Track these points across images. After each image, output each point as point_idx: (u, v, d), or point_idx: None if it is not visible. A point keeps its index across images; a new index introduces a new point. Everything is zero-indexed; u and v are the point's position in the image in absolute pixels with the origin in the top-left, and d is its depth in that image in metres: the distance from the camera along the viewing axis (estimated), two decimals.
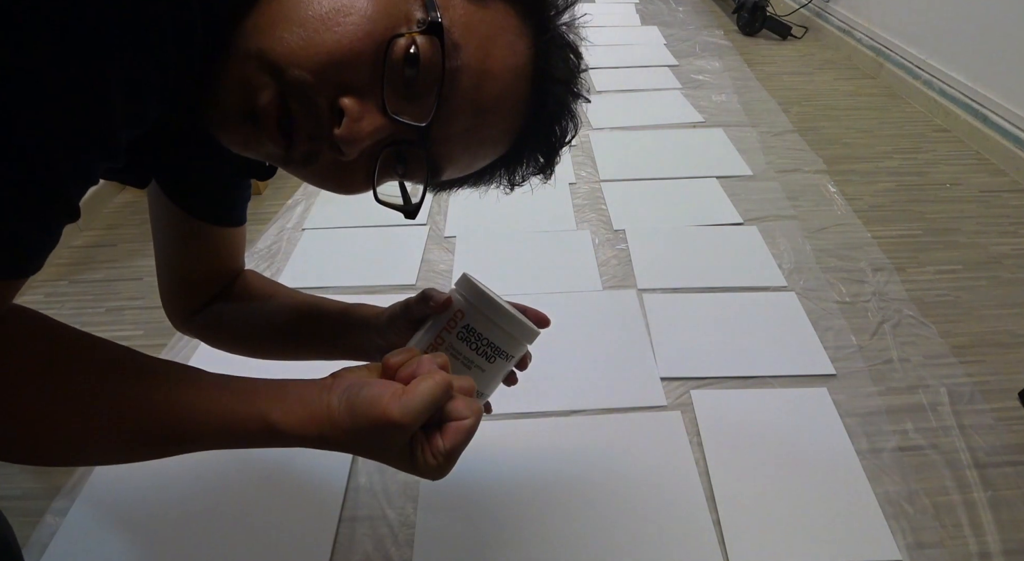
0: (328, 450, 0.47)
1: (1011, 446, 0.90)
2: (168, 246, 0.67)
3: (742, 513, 0.81)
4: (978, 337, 1.09)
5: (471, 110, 0.44)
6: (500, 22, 0.44)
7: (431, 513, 0.82)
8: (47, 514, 0.83)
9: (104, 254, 1.36)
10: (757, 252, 1.29)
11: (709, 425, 0.92)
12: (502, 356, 0.58)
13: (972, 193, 1.52)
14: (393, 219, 1.47)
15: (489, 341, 0.57)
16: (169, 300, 0.70)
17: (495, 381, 0.60)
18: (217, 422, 0.45)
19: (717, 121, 1.85)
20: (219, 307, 0.70)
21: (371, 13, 0.39)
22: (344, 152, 0.41)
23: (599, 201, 1.48)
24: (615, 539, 0.78)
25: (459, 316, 0.57)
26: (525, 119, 0.49)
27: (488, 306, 0.57)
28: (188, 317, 0.70)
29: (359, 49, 0.39)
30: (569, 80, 0.49)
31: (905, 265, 1.27)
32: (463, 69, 0.42)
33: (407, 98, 0.42)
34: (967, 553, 0.77)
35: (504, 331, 0.58)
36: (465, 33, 0.42)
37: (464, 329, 0.57)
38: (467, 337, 0.57)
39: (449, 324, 0.57)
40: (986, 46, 1.75)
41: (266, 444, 0.47)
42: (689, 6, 2.96)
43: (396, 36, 0.40)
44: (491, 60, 0.43)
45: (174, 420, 0.43)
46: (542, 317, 0.64)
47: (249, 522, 0.81)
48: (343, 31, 0.39)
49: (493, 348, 0.58)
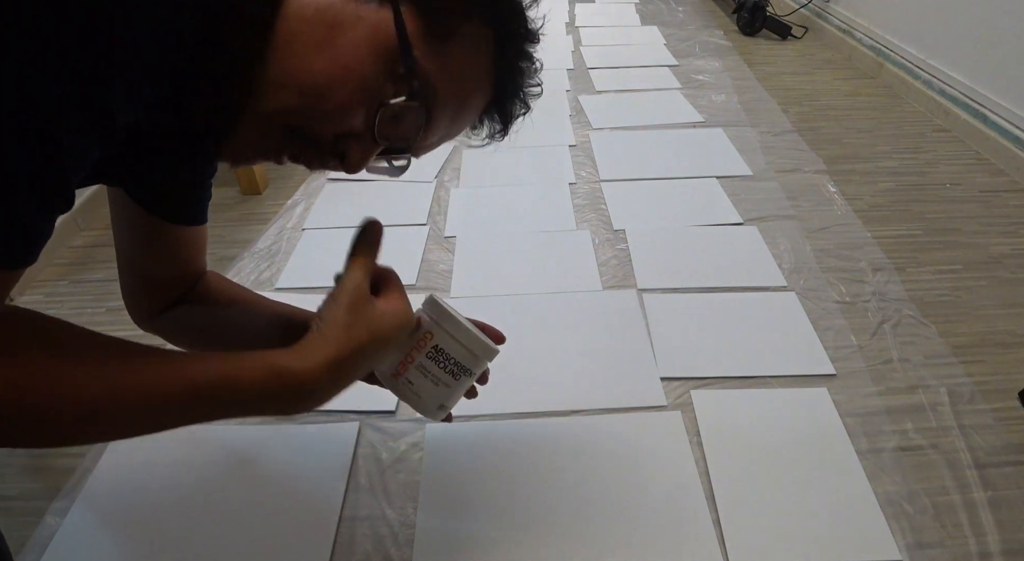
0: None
1: (1011, 446, 0.90)
2: (128, 244, 0.68)
3: (742, 513, 0.81)
4: (978, 337, 1.09)
5: (448, 123, 0.53)
6: (468, 51, 0.50)
7: (431, 513, 0.82)
8: (47, 514, 0.83)
9: (104, 254, 1.36)
10: (757, 252, 1.29)
11: (709, 425, 0.92)
12: (466, 373, 0.64)
13: (972, 193, 1.52)
14: (393, 219, 1.48)
15: (456, 361, 0.62)
16: (130, 297, 0.72)
17: (458, 395, 0.65)
18: (221, 376, 0.45)
19: (717, 121, 1.85)
20: (185, 309, 0.71)
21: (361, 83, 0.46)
22: (348, 173, 0.51)
23: (599, 201, 1.48)
24: (615, 539, 0.78)
25: (428, 337, 0.62)
26: (489, 104, 0.56)
27: (456, 328, 0.62)
28: (150, 316, 0.71)
29: (355, 113, 0.48)
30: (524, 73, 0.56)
31: (905, 265, 1.27)
32: (440, 105, 0.50)
33: (394, 124, 0.50)
34: (967, 553, 0.77)
35: (469, 351, 0.63)
36: (439, 77, 0.48)
37: (433, 349, 0.62)
38: (435, 357, 0.62)
39: (419, 344, 0.62)
40: (986, 46, 1.75)
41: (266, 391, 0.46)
42: (689, 6, 2.96)
43: (383, 105, 0.47)
44: (464, 89, 0.51)
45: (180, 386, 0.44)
46: (498, 334, 0.70)
47: (249, 522, 0.81)
48: (340, 100, 0.46)
49: (459, 367, 0.63)
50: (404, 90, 0.47)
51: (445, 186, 1.55)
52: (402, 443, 0.91)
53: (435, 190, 1.53)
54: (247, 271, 1.28)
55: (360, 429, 0.93)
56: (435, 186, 1.54)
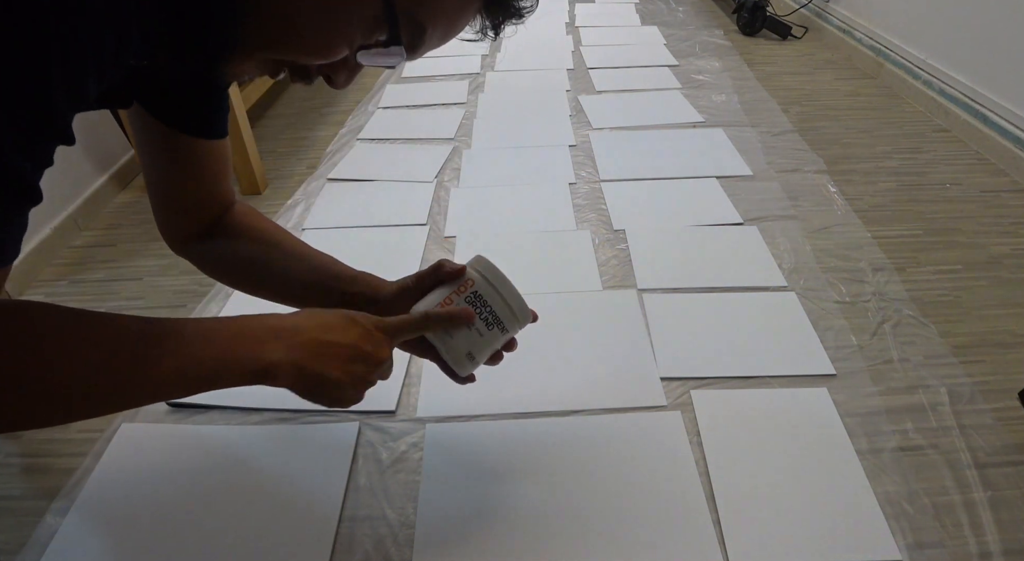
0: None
1: (1011, 446, 0.90)
2: (153, 164, 0.69)
3: (742, 513, 0.81)
4: (978, 337, 1.09)
5: (437, 42, 0.52)
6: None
7: (431, 513, 0.82)
8: (47, 514, 0.83)
9: (104, 254, 1.36)
10: (757, 252, 1.29)
11: (709, 425, 0.92)
12: (499, 327, 0.66)
13: (972, 193, 1.52)
14: (393, 219, 1.48)
15: (492, 310, 0.65)
16: (163, 222, 0.73)
17: (487, 349, 0.67)
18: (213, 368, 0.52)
19: (717, 121, 1.85)
20: (220, 244, 0.73)
21: (340, 25, 0.47)
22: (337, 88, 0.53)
23: (599, 201, 1.48)
24: (615, 539, 0.78)
25: (469, 284, 0.65)
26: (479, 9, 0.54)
27: (497, 279, 0.65)
28: (182, 240, 0.73)
29: (338, 51, 0.48)
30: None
31: (905, 265, 1.27)
32: (426, 39, 0.50)
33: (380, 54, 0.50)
34: (967, 553, 0.77)
35: (507, 304, 0.65)
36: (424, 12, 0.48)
37: (472, 295, 0.65)
38: (473, 302, 0.64)
39: (459, 289, 0.65)
40: (986, 46, 1.75)
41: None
42: (689, 6, 2.96)
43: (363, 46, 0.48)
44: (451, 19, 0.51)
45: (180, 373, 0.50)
46: (533, 312, 0.71)
47: (249, 522, 0.81)
48: (321, 42, 0.47)
49: (494, 317, 0.65)
50: (384, 30, 0.47)
51: (445, 186, 1.55)
52: (402, 443, 0.91)
53: (435, 190, 1.53)
54: None
55: (360, 429, 0.93)
56: (435, 186, 1.54)
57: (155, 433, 0.93)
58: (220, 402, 0.97)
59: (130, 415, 0.97)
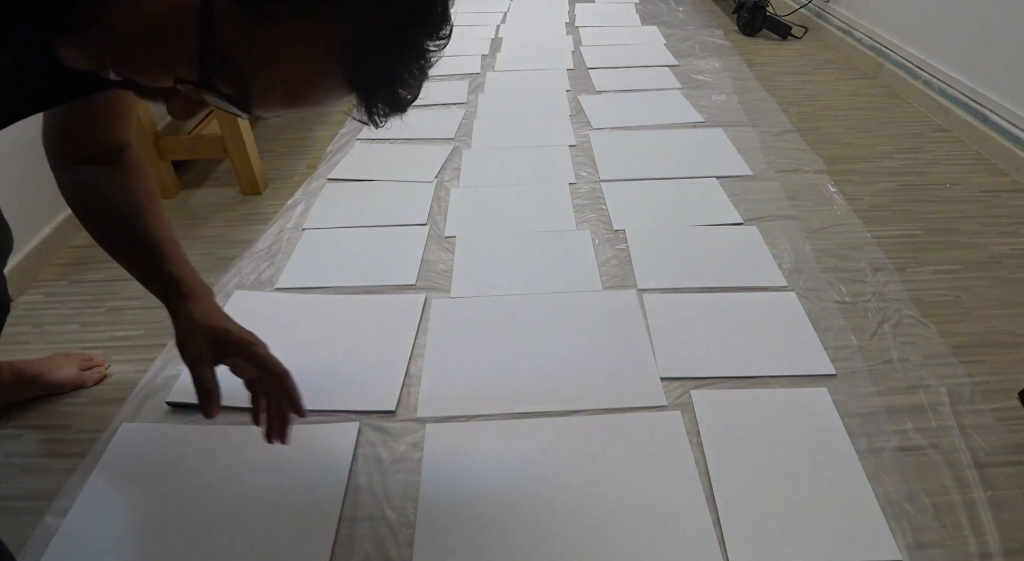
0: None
1: (1011, 446, 0.90)
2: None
3: (742, 513, 0.81)
4: (978, 337, 1.09)
5: (279, 105, 0.47)
6: (293, 38, 0.44)
7: (431, 513, 0.82)
8: (47, 514, 0.83)
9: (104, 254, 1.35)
10: (757, 252, 1.29)
11: (709, 425, 0.92)
12: None
13: (972, 193, 1.52)
14: (393, 219, 1.48)
15: None
16: (49, 139, 0.74)
17: None
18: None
19: (717, 121, 1.85)
20: (90, 172, 0.74)
21: (160, 53, 0.44)
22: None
23: (599, 201, 1.48)
24: (615, 539, 0.78)
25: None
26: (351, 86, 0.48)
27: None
28: (63, 164, 0.74)
29: (161, 79, 0.46)
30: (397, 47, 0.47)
31: (905, 265, 1.27)
32: (257, 91, 0.45)
33: (211, 93, 0.46)
34: (967, 553, 0.77)
35: None
36: (250, 60, 0.44)
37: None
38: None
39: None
40: (986, 46, 1.75)
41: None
42: (689, 6, 2.96)
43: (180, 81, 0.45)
44: (293, 76, 0.45)
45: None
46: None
47: (249, 522, 0.81)
48: (143, 65, 0.45)
49: None
50: (195, 75, 0.44)
51: (445, 186, 1.55)
52: (402, 443, 0.91)
53: (435, 190, 1.53)
54: (247, 271, 1.28)
55: (360, 429, 0.93)
56: (435, 186, 1.54)
57: (155, 433, 0.93)
58: (220, 402, 0.97)
59: (130, 415, 0.97)
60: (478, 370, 1.03)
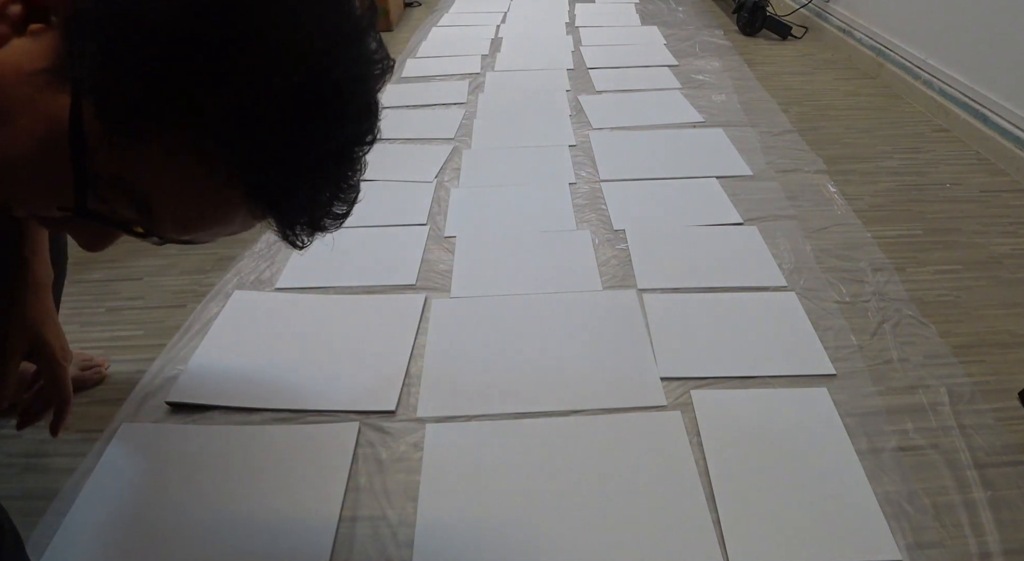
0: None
1: (1011, 446, 0.90)
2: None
3: (742, 513, 0.81)
4: (978, 337, 1.09)
5: (178, 231, 0.44)
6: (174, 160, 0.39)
7: (431, 513, 0.82)
8: (47, 514, 0.83)
9: (104, 254, 1.35)
10: (757, 252, 1.29)
11: (709, 425, 0.92)
12: None
13: (972, 193, 1.52)
14: (393, 219, 1.48)
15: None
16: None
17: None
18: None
19: (717, 121, 1.85)
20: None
21: (32, 183, 0.41)
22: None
23: (599, 201, 1.48)
24: (615, 539, 0.78)
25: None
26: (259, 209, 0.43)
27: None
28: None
29: (43, 208, 0.43)
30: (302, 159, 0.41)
31: (905, 265, 1.27)
32: (159, 219, 0.42)
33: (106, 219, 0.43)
34: (967, 553, 0.77)
35: None
36: (134, 181, 0.40)
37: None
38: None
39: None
40: (986, 46, 1.75)
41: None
42: (689, 6, 2.96)
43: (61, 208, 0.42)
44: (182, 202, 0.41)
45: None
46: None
47: (249, 522, 0.81)
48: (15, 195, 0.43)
49: None
50: (71, 203, 0.40)
51: (445, 186, 1.55)
52: (402, 443, 0.91)
53: (435, 190, 1.53)
54: (247, 271, 1.28)
55: (360, 429, 0.93)
56: (435, 186, 1.54)
57: (155, 433, 0.93)
58: (220, 402, 0.97)
59: (130, 415, 0.97)
60: (478, 370, 1.03)
